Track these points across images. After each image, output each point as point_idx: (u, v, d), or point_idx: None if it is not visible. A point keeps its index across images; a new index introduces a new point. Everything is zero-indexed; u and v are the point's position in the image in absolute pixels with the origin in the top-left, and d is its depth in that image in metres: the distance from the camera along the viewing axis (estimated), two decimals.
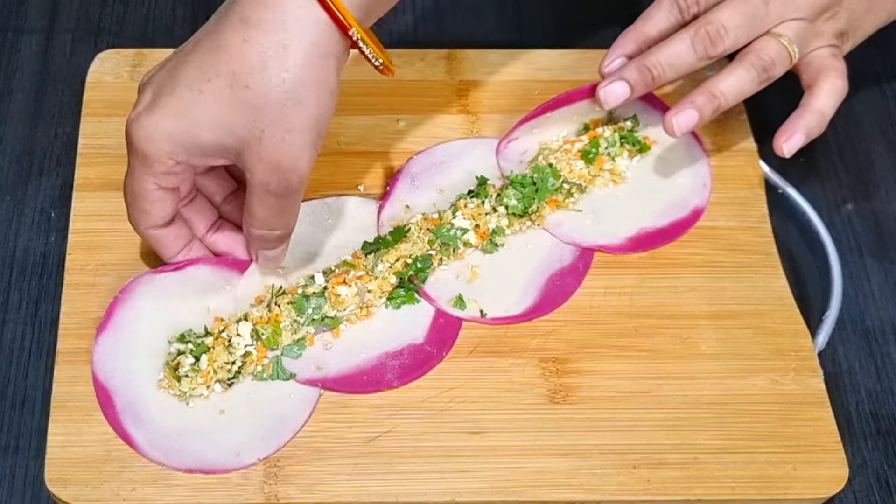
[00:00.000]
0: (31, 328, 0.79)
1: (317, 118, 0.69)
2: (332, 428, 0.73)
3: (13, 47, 0.93)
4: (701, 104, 0.80)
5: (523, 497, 0.72)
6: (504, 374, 0.76)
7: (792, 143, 0.80)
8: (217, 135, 0.69)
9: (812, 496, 0.73)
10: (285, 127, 0.68)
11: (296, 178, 0.70)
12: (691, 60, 0.80)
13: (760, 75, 0.80)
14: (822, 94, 0.81)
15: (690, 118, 0.80)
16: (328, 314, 0.75)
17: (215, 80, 0.68)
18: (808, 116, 0.80)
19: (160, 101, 0.69)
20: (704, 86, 0.80)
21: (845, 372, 0.80)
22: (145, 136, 0.69)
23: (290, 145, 0.69)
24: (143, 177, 0.71)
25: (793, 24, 0.80)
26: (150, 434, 0.72)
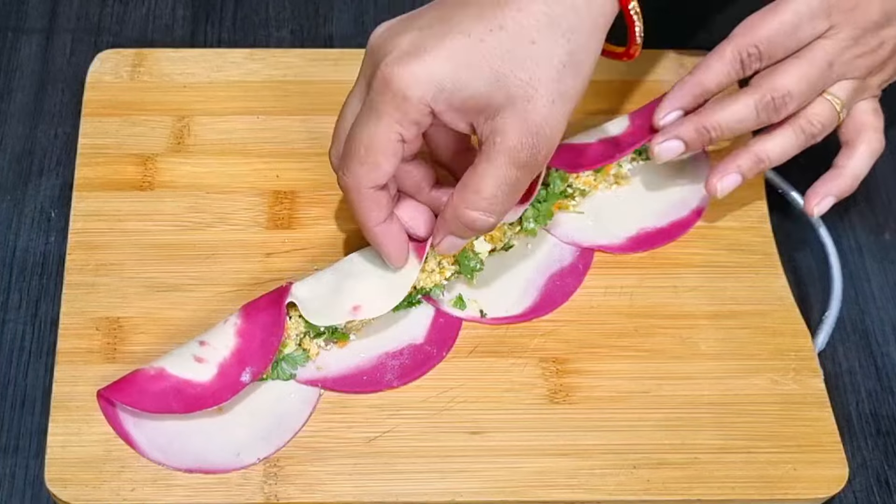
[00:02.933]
0: (31, 328, 0.79)
1: (583, 89, 0.70)
2: (332, 428, 0.73)
3: (13, 47, 0.93)
4: (746, 168, 0.79)
5: (523, 497, 0.72)
6: (504, 374, 0.76)
7: (822, 206, 0.80)
8: (488, 86, 0.68)
9: (812, 496, 0.73)
10: (558, 90, 0.69)
11: (547, 148, 0.70)
12: (752, 125, 0.78)
13: (808, 140, 0.79)
14: (859, 155, 0.79)
15: (734, 182, 0.79)
16: (340, 329, 0.75)
17: (499, 31, 0.68)
18: (842, 181, 0.80)
19: (427, 45, 0.68)
20: (751, 148, 0.79)
21: (845, 372, 0.80)
22: (411, 79, 0.68)
23: (556, 112, 0.69)
24: (390, 124, 0.69)
25: (847, 84, 0.78)
26: (150, 434, 0.72)
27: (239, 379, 0.72)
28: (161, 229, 0.81)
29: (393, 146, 0.70)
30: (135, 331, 0.76)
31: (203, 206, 0.82)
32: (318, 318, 0.73)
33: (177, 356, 0.73)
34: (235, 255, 0.80)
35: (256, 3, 0.97)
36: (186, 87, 0.88)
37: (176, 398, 0.71)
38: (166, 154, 0.84)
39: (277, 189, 0.83)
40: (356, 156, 0.70)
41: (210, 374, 0.72)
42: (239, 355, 0.72)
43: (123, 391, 0.72)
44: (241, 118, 0.86)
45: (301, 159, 0.85)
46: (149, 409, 0.71)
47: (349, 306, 0.74)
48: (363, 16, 0.96)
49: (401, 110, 0.68)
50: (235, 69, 0.89)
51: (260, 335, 0.73)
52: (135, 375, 0.72)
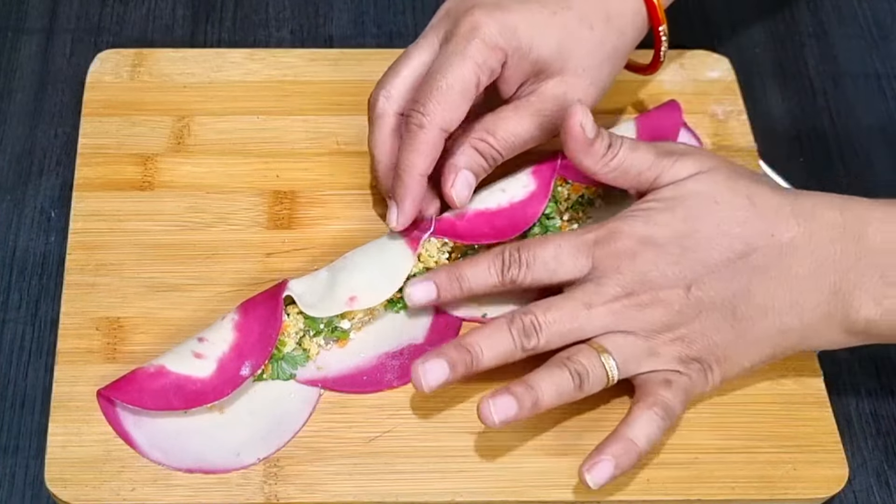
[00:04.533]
0: (31, 328, 0.79)
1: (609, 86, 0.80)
2: (332, 428, 0.73)
3: (13, 47, 0.93)
4: (520, 395, 0.70)
5: (523, 497, 0.72)
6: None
7: (597, 471, 0.69)
8: (551, 54, 0.76)
9: (812, 496, 0.73)
10: (598, 77, 0.78)
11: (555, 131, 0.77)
12: (509, 348, 0.71)
13: (574, 378, 0.70)
14: (634, 420, 0.70)
15: (507, 407, 0.69)
16: (340, 326, 0.75)
17: (567, 11, 0.77)
18: (617, 444, 0.70)
19: (511, 6, 0.75)
20: (523, 379, 0.70)
21: (845, 372, 0.80)
22: (497, 27, 0.74)
23: (588, 94, 0.78)
24: (472, 67, 0.74)
25: (618, 337, 0.71)
26: (150, 434, 0.72)
27: (239, 373, 0.72)
28: (161, 229, 0.81)
29: (471, 90, 0.74)
30: (135, 331, 0.76)
31: (203, 206, 0.82)
32: (315, 311, 0.73)
33: (176, 353, 0.73)
34: (235, 255, 0.80)
35: (256, 3, 0.97)
36: (186, 87, 0.88)
37: (176, 395, 0.71)
38: (166, 154, 0.84)
39: (277, 189, 0.83)
40: (436, 94, 0.74)
41: (210, 369, 0.72)
42: (238, 350, 0.73)
43: (123, 389, 0.72)
44: (241, 118, 0.86)
45: (301, 159, 0.85)
46: (149, 406, 0.71)
47: (345, 297, 0.74)
48: (363, 16, 0.96)
49: (483, 54, 0.74)
50: (235, 69, 0.89)
51: (258, 329, 0.73)
52: (134, 374, 0.72)
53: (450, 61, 0.74)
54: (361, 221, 0.82)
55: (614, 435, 0.70)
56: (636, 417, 0.70)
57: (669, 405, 0.71)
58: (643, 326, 0.71)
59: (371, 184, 0.84)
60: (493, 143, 0.77)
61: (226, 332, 0.73)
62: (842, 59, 0.96)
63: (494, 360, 0.71)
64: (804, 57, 0.96)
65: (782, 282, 0.71)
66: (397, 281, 0.75)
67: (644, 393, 0.71)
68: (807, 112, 0.93)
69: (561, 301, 0.72)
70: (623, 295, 0.71)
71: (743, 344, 0.72)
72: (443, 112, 0.74)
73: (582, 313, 0.71)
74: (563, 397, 0.70)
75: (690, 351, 0.72)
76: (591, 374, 0.70)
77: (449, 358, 0.70)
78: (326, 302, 0.74)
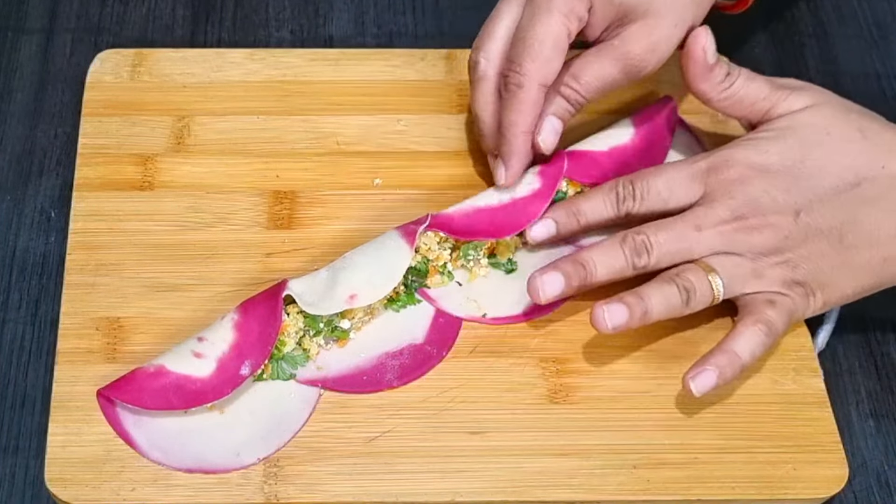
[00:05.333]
0: (31, 328, 0.79)
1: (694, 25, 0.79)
2: (332, 428, 0.73)
3: (13, 47, 0.93)
4: (631, 303, 0.73)
5: (523, 497, 0.72)
6: (504, 374, 0.76)
7: (700, 380, 0.72)
8: None
9: (812, 496, 0.73)
10: (682, 17, 0.77)
11: (653, 66, 0.78)
12: (621, 265, 0.74)
13: (681, 293, 0.73)
14: (738, 335, 0.73)
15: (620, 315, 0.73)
16: (340, 326, 0.75)
17: None
18: (721, 355, 0.73)
19: None
20: (634, 290, 0.74)
21: (845, 372, 0.80)
22: None
23: (673, 35, 0.78)
24: (561, 19, 0.75)
25: (725, 258, 0.74)
26: (150, 434, 0.72)
27: (238, 372, 0.72)
28: (161, 229, 0.81)
29: (563, 42, 0.75)
30: (135, 331, 0.76)
31: (203, 206, 0.82)
32: (315, 309, 0.73)
33: (175, 353, 0.73)
34: (235, 255, 0.80)
35: (256, 3, 0.97)
36: (186, 87, 0.88)
37: (176, 394, 0.71)
38: (166, 154, 0.84)
39: (277, 189, 0.83)
40: (530, 52, 0.75)
41: (209, 369, 0.72)
42: (237, 349, 0.73)
43: (123, 389, 0.72)
44: (241, 118, 0.86)
45: (301, 159, 0.85)
46: (149, 406, 0.71)
47: (345, 295, 0.74)
48: (363, 16, 0.96)
49: (569, 4, 0.75)
50: (235, 69, 0.89)
51: (257, 328, 0.73)
52: (134, 373, 0.72)
53: (539, 17, 0.75)
54: (361, 221, 0.82)
55: (719, 347, 0.73)
56: (741, 332, 0.73)
57: (773, 323, 0.74)
58: (750, 249, 0.74)
59: (368, 183, 0.84)
60: (578, 88, 0.78)
61: (225, 331, 0.73)
62: (842, 59, 0.96)
63: (607, 276, 0.75)
64: (804, 57, 0.96)
65: (890, 212, 0.74)
66: (396, 277, 0.75)
67: (748, 311, 0.74)
68: None
69: (672, 222, 0.75)
70: (732, 218, 0.74)
71: (847, 271, 0.75)
72: (538, 68, 0.75)
73: (692, 234, 0.74)
74: (671, 311, 0.74)
75: (795, 275, 0.74)
76: (698, 291, 0.73)
77: (565, 271, 0.74)
78: (326, 300, 0.74)
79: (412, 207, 0.82)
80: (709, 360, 0.73)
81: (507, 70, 0.77)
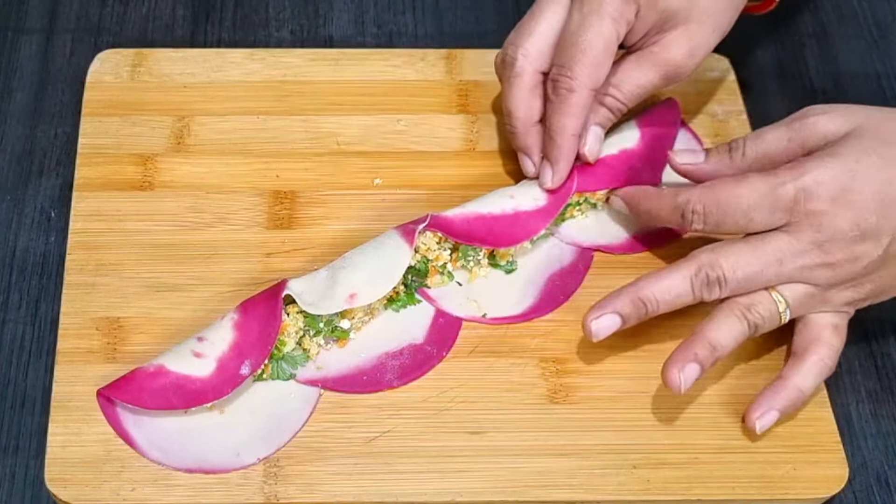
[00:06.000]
0: (31, 328, 0.79)
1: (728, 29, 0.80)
2: (332, 428, 0.73)
3: (13, 47, 0.93)
4: (703, 357, 0.71)
5: (523, 497, 0.72)
6: (504, 374, 0.76)
7: (765, 421, 0.72)
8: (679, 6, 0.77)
9: (812, 496, 0.73)
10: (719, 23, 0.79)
11: (687, 73, 0.79)
12: (689, 300, 0.73)
13: (752, 329, 0.72)
14: (805, 370, 0.73)
15: (695, 373, 0.71)
16: (340, 326, 0.75)
17: None
18: (786, 393, 0.72)
19: None
20: (704, 335, 0.72)
21: (845, 372, 0.80)
22: None
23: (710, 41, 0.79)
24: (611, 24, 0.75)
25: (800, 288, 0.72)
26: (150, 434, 0.72)
27: (238, 372, 0.72)
28: (161, 229, 0.81)
29: (613, 46, 0.76)
30: (135, 331, 0.76)
31: (203, 206, 0.82)
32: (315, 309, 0.73)
33: (175, 353, 0.73)
34: (235, 255, 0.80)
35: (256, 3, 0.97)
36: (186, 87, 0.88)
37: (176, 394, 0.71)
38: (166, 154, 0.84)
39: (277, 189, 0.83)
40: (581, 56, 0.76)
41: (209, 368, 0.72)
42: (237, 349, 0.73)
43: (123, 389, 0.72)
44: (241, 118, 0.86)
45: (301, 159, 0.85)
46: (149, 405, 0.71)
47: (345, 295, 0.74)
48: (363, 16, 0.96)
49: (619, 9, 0.75)
50: (235, 69, 0.89)
51: (257, 328, 0.73)
52: (134, 373, 0.72)
53: (588, 21, 0.75)
54: (361, 221, 0.82)
55: (784, 384, 0.73)
56: (808, 367, 0.73)
57: (838, 352, 0.73)
58: (828, 281, 0.72)
59: (367, 183, 0.84)
60: (620, 97, 0.79)
61: (225, 331, 0.73)
62: (842, 59, 0.96)
63: (669, 309, 0.73)
64: (804, 57, 0.96)
65: None
66: (396, 276, 0.75)
67: (813, 338, 0.73)
68: None
69: (751, 254, 0.72)
70: (818, 253, 0.71)
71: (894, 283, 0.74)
72: (589, 73, 0.76)
73: (772, 269, 0.71)
74: (736, 342, 0.72)
75: (858, 294, 0.73)
76: (767, 323, 0.73)
77: (622, 311, 0.72)
78: (326, 300, 0.74)
79: (412, 207, 0.82)
80: (774, 399, 0.72)
81: (558, 74, 0.77)
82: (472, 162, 0.86)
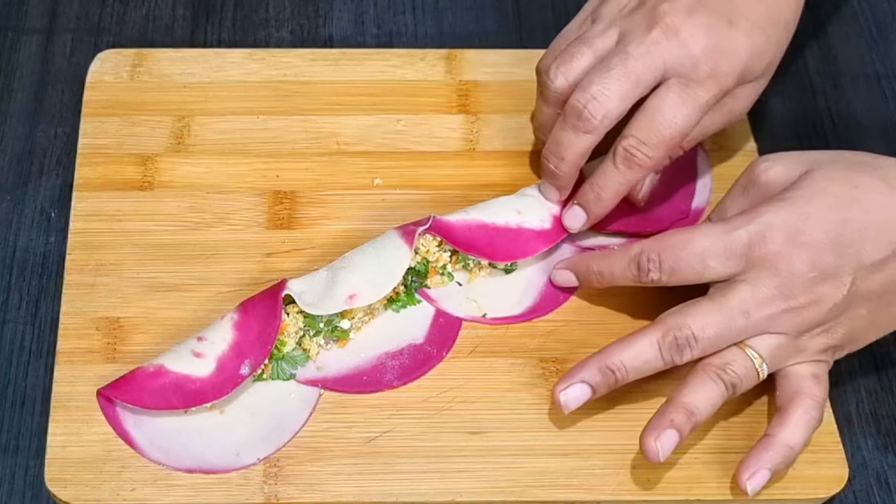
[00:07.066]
0: (31, 328, 0.79)
1: None
2: (332, 428, 0.73)
3: (13, 47, 0.93)
4: (679, 423, 0.70)
5: (523, 497, 0.72)
6: (504, 374, 0.76)
7: (756, 481, 0.70)
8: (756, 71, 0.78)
9: (812, 496, 0.73)
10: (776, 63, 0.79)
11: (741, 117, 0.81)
12: (659, 366, 0.71)
13: (730, 390, 0.71)
14: (792, 425, 0.71)
15: (673, 440, 0.70)
16: (340, 326, 0.75)
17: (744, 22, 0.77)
18: (774, 452, 0.70)
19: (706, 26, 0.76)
20: (679, 400, 0.70)
21: (845, 372, 0.80)
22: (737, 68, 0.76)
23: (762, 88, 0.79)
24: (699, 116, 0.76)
25: (771, 339, 0.71)
26: (150, 434, 0.72)
27: (238, 372, 0.72)
28: (161, 229, 0.81)
29: (690, 131, 0.77)
30: (135, 331, 0.76)
31: (203, 206, 0.82)
32: (314, 309, 0.73)
33: (175, 353, 0.73)
34: (235, 255, 0.80)
35: (256, 3, 0.97)
36: (186, 87, 0.88)
37: (175, 394, 0.71)
38: (166, 154, 0.84)
39: (277, 189, 0.83)
40: (669, 142, 0.76)
41: (209, 368, 0.72)
42: (237, 348, 0.73)
43: (123, 389, 0.72)
44: (241, 118, 0.86)
45: (301, 159, 0.85)
46: (148, 405, 0.71)
47: (345, 295, 0.74)
48: (363, 16, 0.96)
49: (710, 103, 0.76)
50: (235, 69, 0.89)
51: (257, 327, 0.73)
52: (134, 373, 0.72)
53: (686, 110, 0.75)
54: (361, 221, 0.82)
55: (770, 441, 0.71)
56: (795, 422, 0.71)
57: (822, 402, 0.72)
58: (797, 328, 0.71)
59: (367, 183, 0.84)
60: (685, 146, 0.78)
61: (225, 331, 0.73)
62: (841, 59, 0.96)
63: (639, 376, 0.71)
64: (804, 57, 0.96)
65: None
66: (396, 277, 0.75)
67: (795, 391, 0.72)
68: (807, 112, 0.93)
69: (716, 310, 0.70)
70: (781, 299, 0.70)
71: (877, 327, 0.73)
72: (665, 156, 0.76)
73: (740, 321, 0.70)
74: (716, 408, 0.71)
75: (831, 340, 0.72)
76: (744, 382, 0.71)
77: (591, 381, 0.71)
78: (326, 300, 0.74)
79: (412, 207, 0.82)
80: (763, 458, 0.70)
81: (636, 149, 0.75)
82: (471, 162, 0.86)
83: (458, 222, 0.78)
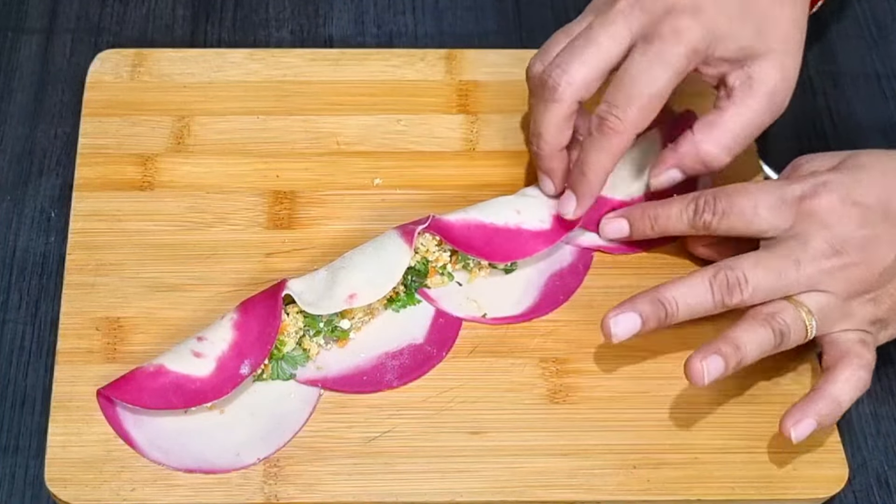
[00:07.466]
0: (31, 328, 0.79)
1: None
2: (332, 428, 0.73)
3: (13, 47, 0.93)
4: (727, 353, 0.70)
5: (523, 497, 0.72)
6: (504, 374, 0.76)
7: (801, 429, 0.70)
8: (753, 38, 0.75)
9: (812, 496, 0.73)
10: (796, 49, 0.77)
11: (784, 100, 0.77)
12: (709, 305, 0.72)
13: (779, 340, 0.71)
14: (840, 381, 0.71)
15: (719, 367, 0.70)
16: (340, 326, 0.75)
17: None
18: (822, 402, 0.71)
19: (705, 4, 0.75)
20: (727, 336, 0.71)
21: None
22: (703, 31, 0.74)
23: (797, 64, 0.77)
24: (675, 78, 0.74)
25: (821, 296, 0.72)
26: (150, 434, 0.72)
27: (238, 371, 0.72)
28: (161, 229, 0.81)
29: (666, 96, 0.74)
30: (135, 331, 0.76)
31: (203, 206, 0.82)
32: (314, 308, 0.73)
33: (175, 353, 0.73)
34: (235, 255, 0.80)
35: (256, 3, 0.97)
36: (186, 87, 0.88)
37: (175, 393, 0.71)
38: (166, 154, 0.84)
39: (277, 189, 0.83)
40: (637, 102, 0.74)
41: (209, 368, 0.72)
42: (237, 348, 0.73)
43: (123, 389, 0.72)
44: (241, 118, 0.86)
45: (301, 159, 0.85)
46: (148, 405, 0.71)
47: (345, 295, 0.74)
48: (363, 16, 0.97)
49: (685, 63, 0.74)
50: (235, 69, 0.89)
51: (257, 327, 0.73)
52: (134, 373, 0.72)
53: (653, 69, 0.73)
54: (361, 221, 0.82)
55: (821, 393, 0.71)
56: (844, 377, 0.71)
57: (871, 365, 0.72)
58: (846, 287, 0.71)
59: (367, 183, 0.84)
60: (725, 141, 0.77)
61: (225, 331, 0.73)
62: (841, 59, 0.96)
63: (689, 315, 0.72)
64: (804, 57, 0.96)
65: None
66: (395, 276, 0.75)
67: (843, 352, 0.72)
68: (807, 112, 0.93)
69: (769, 257, 0.72)
70: (832, 253, 0.71)
71: None
72: (640, 119, 0.74)
73: (791, 272, 0.71)
74: (763, 354, 0.72)
75: (878, 311, 0.73)
76: (793, 333, 0.71)
77: (642, 311, 0.72)
78: (326, 300, 0.74)
79: (412, 207, 0.82)
80: (810, 408, 0.71)
81: (607, 113, 0.74)
82: (471, 162, 0.86)
83: (458, 222, 0.78)
